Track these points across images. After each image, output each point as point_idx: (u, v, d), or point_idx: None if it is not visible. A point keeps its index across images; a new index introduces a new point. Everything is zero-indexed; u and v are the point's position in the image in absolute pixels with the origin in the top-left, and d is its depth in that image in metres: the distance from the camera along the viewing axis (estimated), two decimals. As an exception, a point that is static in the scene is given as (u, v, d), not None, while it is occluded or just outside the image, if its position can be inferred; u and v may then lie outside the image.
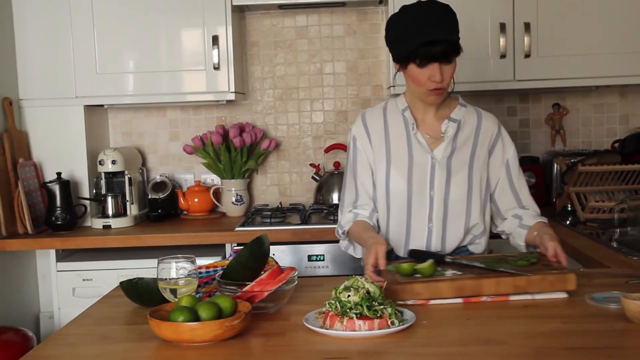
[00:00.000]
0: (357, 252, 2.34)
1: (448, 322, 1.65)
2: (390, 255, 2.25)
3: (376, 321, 1.57)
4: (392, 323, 1.58)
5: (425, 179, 2.19)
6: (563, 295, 1.78)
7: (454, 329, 1.59)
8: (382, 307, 1.59)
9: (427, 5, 2.08)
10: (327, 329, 1.58)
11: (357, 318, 1.56)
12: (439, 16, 2.05)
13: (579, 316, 1.65)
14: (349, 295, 1.60)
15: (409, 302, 1.77)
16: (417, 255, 2.04)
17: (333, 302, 1.61)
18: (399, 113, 2.24)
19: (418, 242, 2.21)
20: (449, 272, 1.85)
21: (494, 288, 1.77)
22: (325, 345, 1.52)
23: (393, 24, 2.14)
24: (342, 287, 1.64)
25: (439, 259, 1.95)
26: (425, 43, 2.02)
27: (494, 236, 2.35)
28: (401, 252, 2.25)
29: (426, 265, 1.84)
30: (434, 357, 1.43)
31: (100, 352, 1.55)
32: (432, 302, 1.77)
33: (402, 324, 1.58)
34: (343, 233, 2.28)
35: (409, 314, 1.65)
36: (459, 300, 1.78)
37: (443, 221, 2.20)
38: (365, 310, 1.57)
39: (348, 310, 1.58)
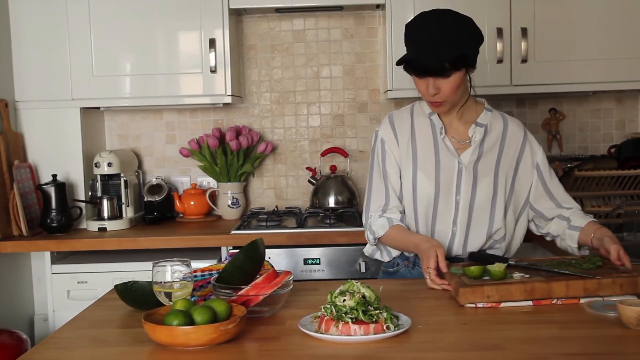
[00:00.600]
0: (384, 256, 2.31)
1: (444, 327, 1.64)
2: None
3: (372, 326, 1.56)
4: (388, 328, 1.57)
5: (451, 183, 2.19)
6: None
7: (450, 334, 1.58)
8: (377, 311, 1.58)
9: (432, 18, 2.07)
10: (323, 333, 1.58)
11: (353, 322, 1.56)
12: (439, 32, 2.04)
13: (576, 322, 1.65)
14: (344, 300, 1.59)
15: (479, 305, 1.77)
16: (477, 258, 2.03)
17: (328, 306, 1.61)
18: (426, 117, 2.25)
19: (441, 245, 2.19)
20: (517, 275, 1.85)
21: (564, 291, 1.78)
22: (320, 350, 1.51)
23: (405, 30, 2.14)
24: (337, 291, 1.63)
25: (502, 261, 1.93)
26: (414, 59, 2.05)
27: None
28: None
29: (498, 267, 1.83)
30: (430, 363, 1.42)
31: (94, 356, 1.54)
32: (503, 304, 1.77)
33: (398, 329, 1.58)
34: (374, 239, 2.24)
35: (404, 319, 1.64)
36: (529, 302, 1.77)
37: (467, 226, 2.20)
38: (361, 314, 1.57)
39: (343, 314, 1.57)
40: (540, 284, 1.77)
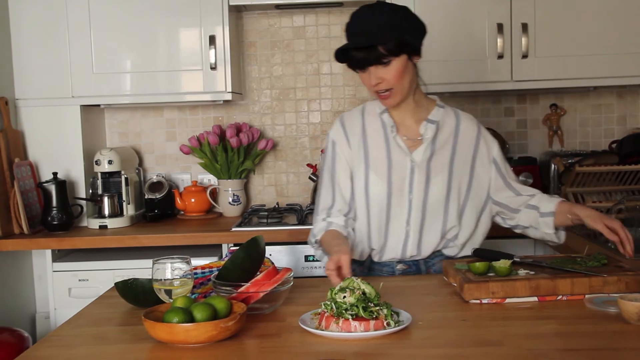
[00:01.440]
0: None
1: (444, 323, 1.64)
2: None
3: (372, 322, 1.56)
4: (388, 324, 1.57)
5: (404, 182, 2.16)
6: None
7: (450, 331, 1.58)
8: (377, 308, 1.58)
9: (368, 9, 2.06)
10: (323, 330, 1.58)
11: (353, 319, 1.56)
12: (373, 20, 2.03)
13: (576, 318, 1.64)
14: (344, 297, 1.60)
15: (484, 301, 1.77)
16: (482, 255, 2.02)
17: (329, 303, 1.61)
18: (377, 116, 2.22)
19: (395, 246, 2.18)
20: (522, 272, 1.85)
21: (569, 288, 1.77)
22: (320, 347, 1.51)
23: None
24: (337, 288, 1.64)
25: (507, 258, 1.92)
26: (351, 49, 2.03)
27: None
28: (377, 257, 2.22)
29: (503, 264, 1.83)
30: (430, 359, 1.42)
31: (94, 353, 1.54)
32: (508, 300, 1.77)
33: (398, 325, 1.58)
34: (316, 242, 2.20)
35: (405, 315, 1.64)
36: (534, 299, 1.77)
37: (420, 225, 2.17)
38: (361, 311, 1.57)
39: (344, 311, 1.57)
40: (545, 281, 1.77)
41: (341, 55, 2.08)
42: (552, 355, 1.41)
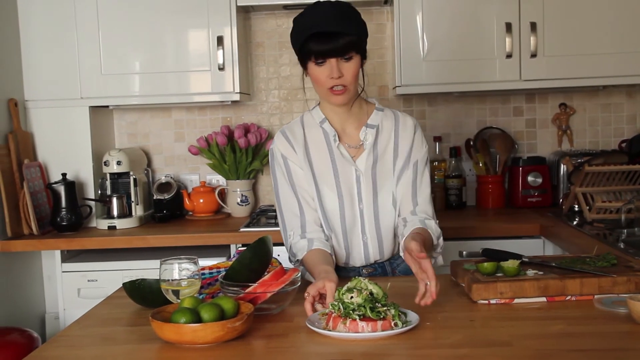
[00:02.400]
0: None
1: (452, 324, 1.63)
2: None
3: (379, 323, 1.55)
4: (396, 324, 1.56)
5: (352, 192, 2.12)
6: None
7: (458, 331, 1.57)
8: (385, 308, 1.58)
9: (323, 3, 2.03)
10: (330, 330, 1.57)
11: (360, 319, 1.55)
12: (334, 11, 1.99)
13: (585, 318, 1.63)
14: (352, 297, 1.59)
15: (492, 301, 1.76)
16: (491, 255, 2.00)
17: (336, 303, 1.60)
18: (317, 126, 2.16)
19: (358, 255, 2.16)
20: (530, 272, 1.84)
21: (578, 288, 1.76)
22: (327, 347, 1.50)
23: (292, 25, 2.08)
24: (345, 288, 1.63)
25: (516, 258, 1.91)
26: (317, 35, 1.95)
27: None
28: (342, 263, 2.18)
29: (512, 264, 1.82)
30: (439, 359, 1.41)
31: (102, 354, 1.54)
32: (516, 300, 1.76)
33: (406, 326, 1.57)
34: (297, 261, 2.11)
35: (412, 316, 1.63)
36: (543, 299, 1.76)
37: (377, 233, 2.14)
38: (369, 311, 1.56)
39: (351, 311, 1.57)
40: (554, 281, 1.76)
41: (299, 46, 2.02)
42: (560, 356, 1.40)
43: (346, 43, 1.97)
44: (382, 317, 1.56)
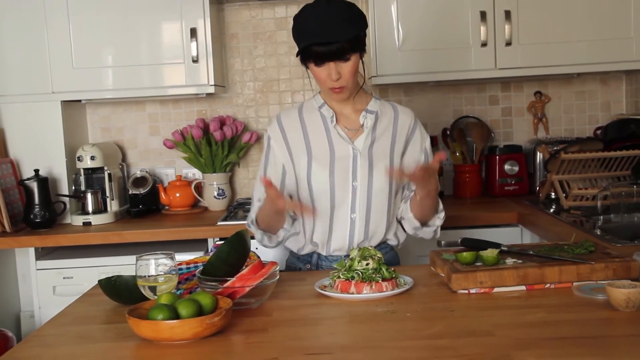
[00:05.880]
0: (272, 240, 2.27)
1: (432, 314, 1.63)
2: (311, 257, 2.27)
3: (392, 281, 1.79)
4: (404, 282, 1.84)
5: (347, 170, 2.17)
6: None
7: (439, 322, 1.57)
8: (392, 268, 1.85)
9: (322, 5, 2.06)
10: (356, 294, 1.77)
11: (382, 280, 1.78)
12: (332, 16, 2.03)
13: (564, 306, 1.63)
14: (367, 264, 1.80)
15: (472, 291, 1.76)
16: (469, 244, 2.00)
17: (351, 272, 1.80)
18: (316, 110, 2.24)
19: (341, 235, 2.18)
20: (510, 261, 1.84)
21: (557, 276, 1.76)
22: (307, 341, 1.49)
23: (293, 23, 2.12)
24: (357, 257, 1.83)
25: (495, 247, 1.91)
26: (314, 44, 2.02)
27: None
28: (324, 250, 2.22)
29: (491, 253, 1.83)
30: (419, 351, 1.40)
31: (78, 353, 1.51)
32: (496, 289, 1.76)
33: (406, 285, 1.82)
34: (252, 222, 2.23)
35: (406, 278, 1.87)
36: (522, 287, 1.76)
37: (366, 212, 2.18)
38: (385, 272, 1.79)
39: (373, 275, 1.78)
40: (533, 270, 1.76)
41: (299, 48, 2.09)
42: (541, 344, 1.40)
43: (344, 48, 2.03)
44: (394, 276, 1.81)
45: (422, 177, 2.01)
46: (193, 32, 3.18)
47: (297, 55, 2.12)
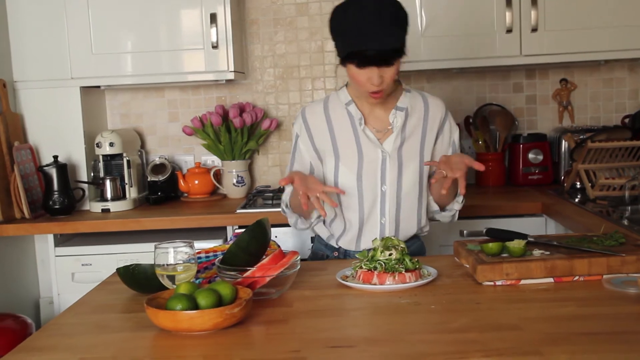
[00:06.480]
0: (305, 223, 2.23)
1: (458, 307, 1.58)
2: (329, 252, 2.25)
3: (416, 272, 1.75)
4: (428, 273, 1.79)
5: (376, 174, 2.12)
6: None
7: (465, 314, 1.52)
8: (416, 259, 1.80)
9: (369, 5, 1.93)
10: (378, 285, 1.73)
11: (405, 271, 1.73)
12: (383, 18, 1.91)
13: (594, 299, 1.58)
14: (390, 254, 1.75)
15: (498, 283, 1.71)
16: (495, 235, 1.95)
17: (374, 262, 1.75)
18: (342, 107, 2.15)
19: (371, 237, 2.13)
20: (537, 252, 1.78)
21: (586, 268, 1.71)
22: (329, 333, 1.45)
23: (335, 19, 2.00)
24: (379, 247, 1.78)
25: (521, 238, 1.86)
26: (363, 49, 1.92)
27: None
28: (353, 247, 2.19)
29: (518, 244, 1.77)
30: (446, 345, 1.35)
31: (95, 342, 1.48)
32: (523, 282, 1.71)
33: (430, 276, 1.77)
34: (286, 206, 2.20)
35: (430, 270, 1.82)
36: (550, 280, 1.71)
37: (396, 214, 2.14)
38: (409, 263, 1.75)
39: (396, 266, 1.73)
40: (561, 262, 1.70)
41: (339, 47, 1.99)
42: (572, 339, 1.35)
43: (391, 55, 1.94)
44: (417, 267, 1.77)
45: (450, 169, 1.97)
46: (213, 18, 3.14)
47: (338, 56, 2.02)
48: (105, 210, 3.15)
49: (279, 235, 2.84)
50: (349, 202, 2.13)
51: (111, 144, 3.21)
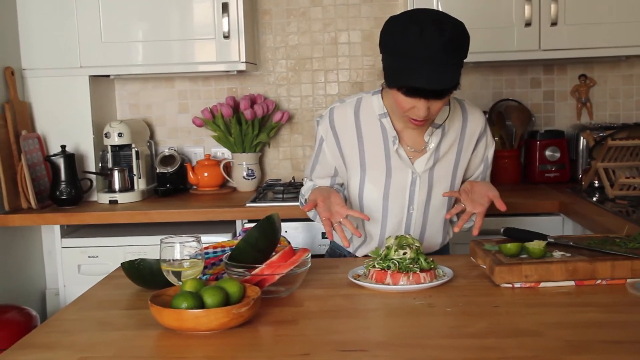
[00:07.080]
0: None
1: (474, 310, 1.51)
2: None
3: (431, 272, 1.69)
4: (444, 274, 1.72)
5: (404, 195, 2.02)
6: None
7: (482, 318, 1.45)
8: (431, 259, 1.73)
9: (431, 35, 1.71)
10: (391, 285, 1.66)
11: (420, 271, 1.67)
12: (437, 53, 1.71)
13: (618, 305, 1.51)
14: (404, 253, 1.69)
15: (517, 285, 1.64)
16: (513, 235, 1.88)
17: (387, 261, 1.69)
18: (375, 117, 1.99)
19: None
20: (557, 254, 1.71)
21: (609, 271, 1.64)
22: (340, 335, 1.39)
23: (389, 34, 1.80)
24: (393, 246, 1.71)
25: (541, 238, 1.80)
26: (420, 86, 1.75)
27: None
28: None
29: (537, 245, 1.70)
30: (463, 351, 1.29)
31: (96, 340, 1.42)
32: (542, 284, 1.64)
33: (445, 277, 1.70)
34: (305, 201, 2.07)
35: (445, 270, 1.75)
36: (571, 283, 1.64)
37: (420, 233, 2.08)
38: (423, 263, 1.68)
39: (410, 265, 1.67)
40: (583, 264, 1.64)
41: (390, 74, 1.81)
42: (595, 347, 1.28)
43: (447, 92, 1.79)
44: (432, 266, 1.70)
45: (470, 201, 1.93)
46: (225, 8, 3.08)
47: (385, 75, 1.83)
48: (113, 202, 3.10)
49: (289, 230, 2.79)
50: (373, 216, 2.04)
51: (120, 135, 3.16)
